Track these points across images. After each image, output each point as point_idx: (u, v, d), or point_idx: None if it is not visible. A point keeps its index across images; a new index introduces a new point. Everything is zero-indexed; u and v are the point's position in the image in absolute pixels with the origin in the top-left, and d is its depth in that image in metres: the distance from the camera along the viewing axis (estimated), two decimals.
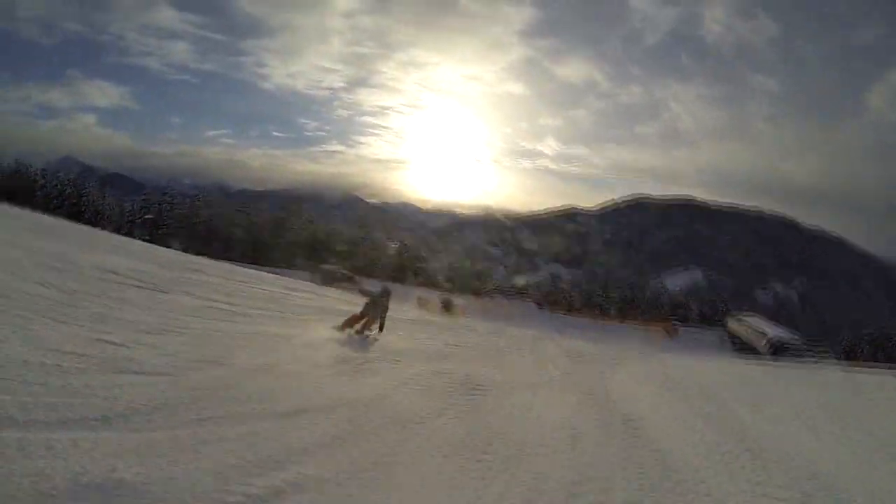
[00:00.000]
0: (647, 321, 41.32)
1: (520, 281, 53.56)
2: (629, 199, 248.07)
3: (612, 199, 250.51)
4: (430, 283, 41.46)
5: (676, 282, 77.96)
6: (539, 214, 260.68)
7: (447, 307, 22.56)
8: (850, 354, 41.36)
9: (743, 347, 36.13)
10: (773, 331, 35.60)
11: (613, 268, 53.77)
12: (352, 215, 57.73)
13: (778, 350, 32.44)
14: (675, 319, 41.48)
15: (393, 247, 47.84)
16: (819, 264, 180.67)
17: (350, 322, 8.12)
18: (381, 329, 8.38)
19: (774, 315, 46.46)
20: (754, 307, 55.15)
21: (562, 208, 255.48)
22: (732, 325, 39.76)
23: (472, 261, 57.68)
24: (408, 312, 16.28)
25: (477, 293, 41.63)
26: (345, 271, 33.33)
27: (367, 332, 8.20)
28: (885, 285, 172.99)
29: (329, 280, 29.92)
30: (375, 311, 8.26)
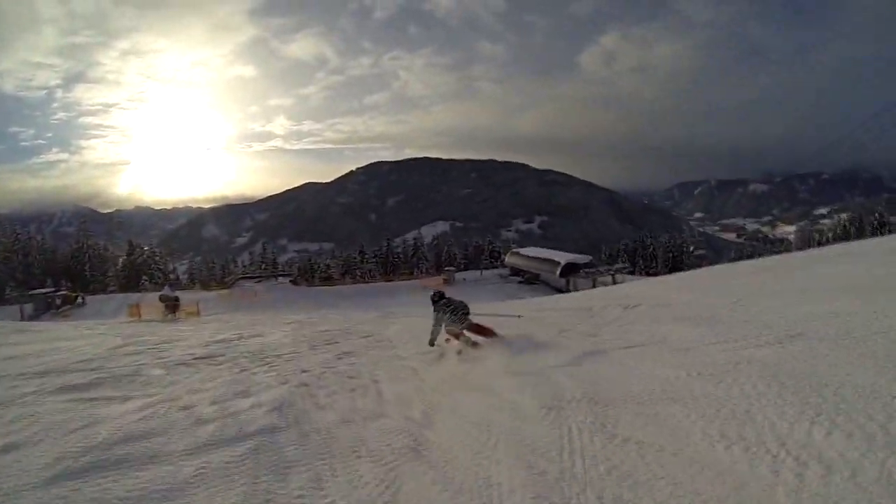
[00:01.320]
0: (421, 275, 43.83)
1: (268, 264, 50.63)
2: (365, 166, 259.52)
3: (350, 169, 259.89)
4: (175, 285, 40.55)
5: (427, 235, 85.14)
6: (277, 195, 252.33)
7: (172, 308, 18.96)
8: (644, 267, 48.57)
9: (529, 279, 39.00)
10: (560, 255, 38.55)
11: (360, 232, 55.48)
12: (83, 229, 50.63)
13: (569, 272, 35.40)
14: (448, 268, 43.66)
15: (120, 257, 47.46)
16: (554, 200, 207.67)
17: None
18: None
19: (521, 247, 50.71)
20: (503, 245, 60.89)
21: (299, 186, 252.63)
22: (512, 259, 43.08)
23: (216, 252, 51.65)
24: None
25: (224, 285, 40.20)
26: (63, 293, 33.56)
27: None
28: (611, 208, 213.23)
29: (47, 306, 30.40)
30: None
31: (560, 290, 34.14)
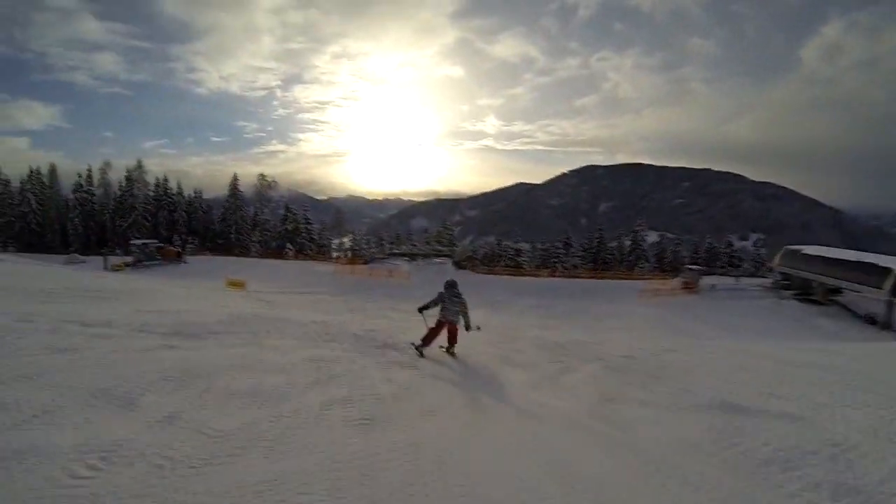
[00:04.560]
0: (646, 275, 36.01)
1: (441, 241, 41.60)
2: (577, 169, 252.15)
3: (562, 171, 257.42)
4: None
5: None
6: (488, 193, 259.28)
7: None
8: None
9: (817, 297, 27.98)
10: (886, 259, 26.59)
11: (571, 235, 44.19)
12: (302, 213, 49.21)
13: None
14: (692, 267, 33.35)
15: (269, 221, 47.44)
16: (771, 216, 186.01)
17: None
18: None
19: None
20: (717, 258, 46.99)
21: (510, 185, 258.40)
22: (790, 263, 30.87)
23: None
24: None
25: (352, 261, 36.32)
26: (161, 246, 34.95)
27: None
28: (835, 229, 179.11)
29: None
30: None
31: (875, 322, 23.13)
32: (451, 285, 6.94)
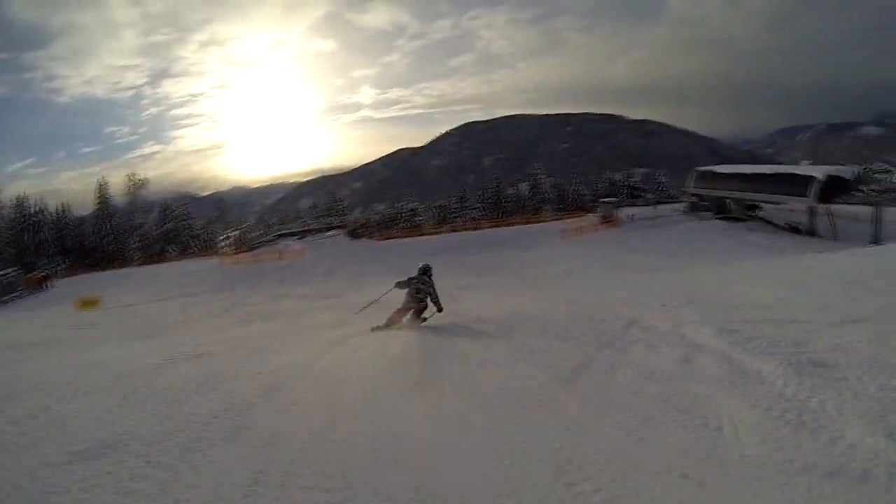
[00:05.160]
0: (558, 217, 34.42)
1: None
2: (458, 127, 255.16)
3: (442, 131, 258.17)
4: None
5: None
6: (371, 163, 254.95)
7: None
8: None
9: (736, 214, 28.45)
10: (810, 169, 27.86)
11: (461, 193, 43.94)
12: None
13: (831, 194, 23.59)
14: (607, 200, 33.72)
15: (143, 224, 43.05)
16: (653, 151, 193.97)
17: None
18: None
19: None
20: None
21: (392, 152, 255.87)
22: (705, 184, 30.83)
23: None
24: None
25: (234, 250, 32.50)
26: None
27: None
28: (714, 159, 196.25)
29: None
30: None
31: (800, 231, 23.99)
32: (424, 271, 6.85)
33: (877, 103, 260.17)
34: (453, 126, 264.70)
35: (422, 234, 31.84)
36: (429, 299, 6.71)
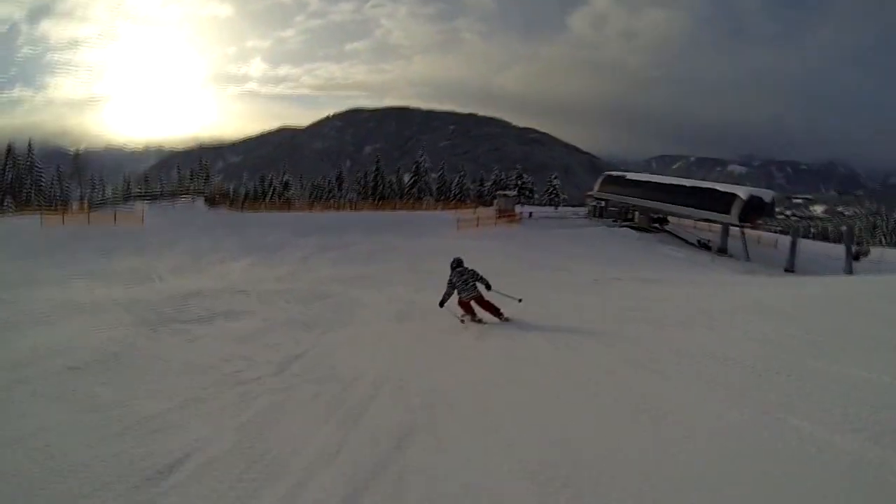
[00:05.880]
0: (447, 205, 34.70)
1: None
2: (342, 113, 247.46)
3: (326, 116, 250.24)
4: None
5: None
6: (252, 138, 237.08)
7: None
8: None
9: (642, 225, 27.24)
10: (731, 187, 26.68)
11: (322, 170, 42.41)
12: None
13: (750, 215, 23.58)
14: (505, 193, 32.98)
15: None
16: (534, 158, 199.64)
17: None
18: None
19: None
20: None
21: (274, 130, 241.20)
22: (614, 190, 29.61)
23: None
24: None
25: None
26: None
27: None
28: (591, 173, 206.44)
29: None
30: None
31: (709, 248, 23.48)
32: (457, 264, 6.74)
33: (744, 144, 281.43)
34: (339, 111, 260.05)
35: (291, 210, 29.18)
36: (478, 285, 6.52)
